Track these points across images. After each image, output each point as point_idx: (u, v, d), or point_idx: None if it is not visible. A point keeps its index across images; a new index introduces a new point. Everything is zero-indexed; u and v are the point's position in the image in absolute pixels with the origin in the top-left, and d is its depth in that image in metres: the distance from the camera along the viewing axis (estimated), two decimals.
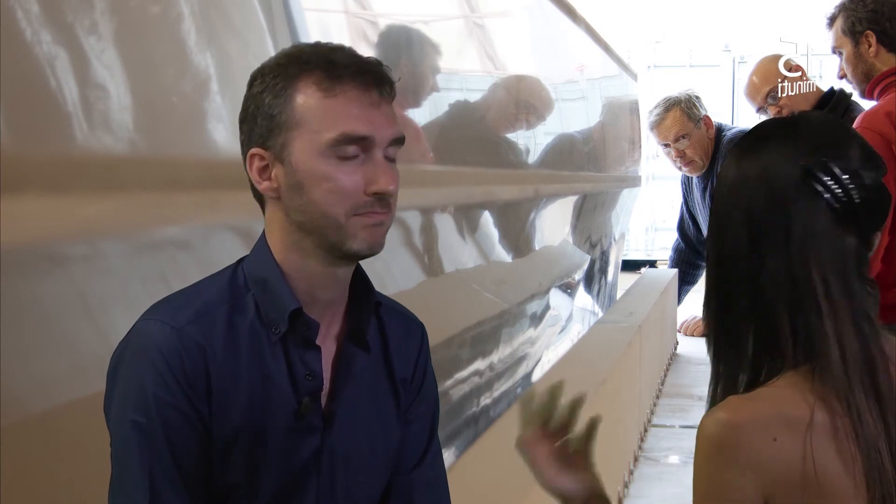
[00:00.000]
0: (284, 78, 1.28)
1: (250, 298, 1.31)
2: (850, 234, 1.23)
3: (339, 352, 1.36)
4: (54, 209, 1.36)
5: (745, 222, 1.24)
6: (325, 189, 1.26)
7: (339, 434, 1.34)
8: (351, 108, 1.26)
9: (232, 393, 1.28)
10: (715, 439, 1.21)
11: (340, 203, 1.26)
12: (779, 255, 1.22)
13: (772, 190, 1.23)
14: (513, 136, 4.26)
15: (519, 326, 4.20)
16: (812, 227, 1.22)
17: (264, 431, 1.29)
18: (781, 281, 1.22)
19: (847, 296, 1.22)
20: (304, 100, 1.27)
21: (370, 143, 1.27)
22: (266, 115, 1.28)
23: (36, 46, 1.34)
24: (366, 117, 1.27)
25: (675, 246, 6.40)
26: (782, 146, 1.25)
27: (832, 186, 1.22)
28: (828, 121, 1.32)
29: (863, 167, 1.23)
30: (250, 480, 1.30)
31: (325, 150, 1.26)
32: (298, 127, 1.27)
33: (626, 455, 3.74)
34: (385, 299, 1.42)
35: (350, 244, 1.27)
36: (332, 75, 1.27)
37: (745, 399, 1.22)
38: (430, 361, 1.48)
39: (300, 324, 1.31)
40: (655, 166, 11.21)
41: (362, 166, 1.27)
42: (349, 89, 1.27)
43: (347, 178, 1.26)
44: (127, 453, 1.25)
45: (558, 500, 1.46)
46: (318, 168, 1.26)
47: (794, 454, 1.18)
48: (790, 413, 1.19)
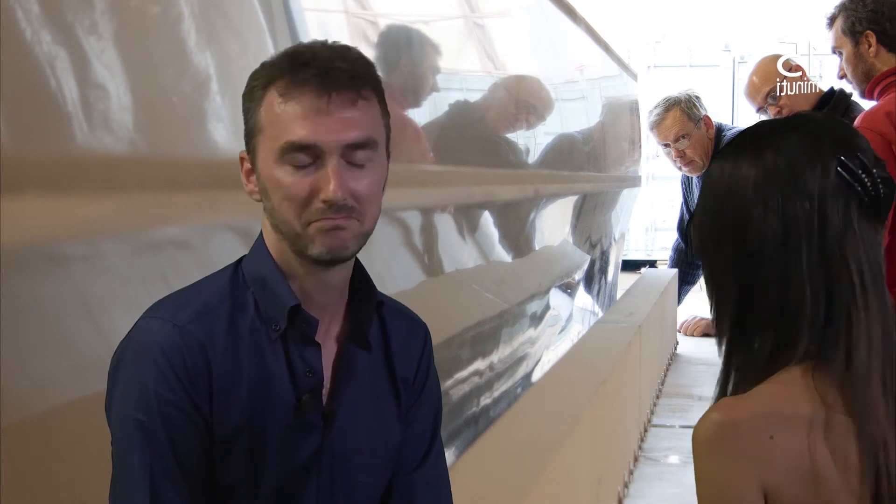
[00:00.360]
0: (261, 83, 1.28)
1: (250, 296, 1.31)
2: (878, 226, 1.24)
3: (340, 352, 1.36)
4: (54, 209, 1.36)
5: (780, 217, 1.23)
6: (280, 196, 1.26)
7: (339, 433, 1.34)
8: (300, 115, 1.25)
9: (233, 391, 1.28)
10: (711, 440, 1.21)
11: (294, 210, 1.26)
12: (814, 250, 1.22)
13: (808, 184, 1.23)
14: (513, 136, 4.26)
15: (519, 326, 4.20)
16: (849, 220, 1.22)
17: (265, 429, 1.29)
18: (817, 275, 1.22)
19: (878, 289, 1.23)
20: (266, 106, 1.27)
21: (317, 150, 1.25)
22: (245, 119, 1.30)
23: (36, 46, 1.34)
24: (312, 125, 1.24)
25: (675, 246, 6.40)
26: (807, 141, 1.25)
27: (864, 179, 1.22)
28: (834, 119, 1.33)
29: (877, 162, 1.25)
30: (251, 479, 1.30)
31: (277, 157, 1.26)
32: (260, 133, 1.28)
33: (626, 455, 3.74)
34: (388, 299, 1.42)
35: (310, 249, 1.27)
36: (295, 80, 1.25)
37: (738, 399, 1.22)
38: (433, 362, 1.48)
39: (299, 320, 1.31)
40: (655, 166, 11.21)
41: (315, 174, 1.25)
42: (304, 93, 1.25)
43: (297, 186, 1.25)
44: (128, 451, 1.26)
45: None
46: (274, 175, 1.26)
47: (793, 451, 1.18)
48: (787, 411, 1.19)
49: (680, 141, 5.59)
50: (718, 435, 1.20)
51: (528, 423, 2.63)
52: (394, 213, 2.59)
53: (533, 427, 2.56)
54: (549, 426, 2.55)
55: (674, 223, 6.45)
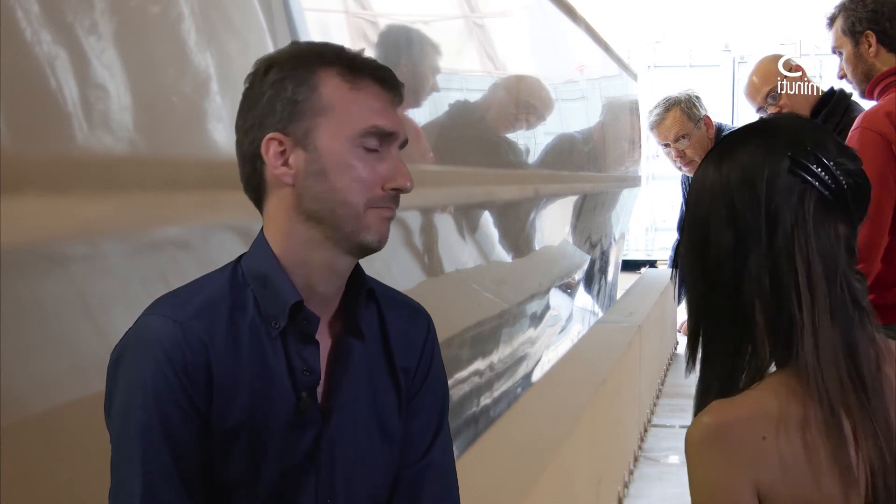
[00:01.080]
0: (305, 67, 1.29)
1: (249, 294, 1.31)
2: (841, 221, 1.23)
3: (335, 344, 1.35)
4: (54, 209, 1.36)
5: (730, 224, 1.23)
6: (350, 178, 1.28)
7: (336, 427, 1.33)
8: (376, 104, 1.30)
9: (233, 389, 1.28)
10: (704, 442, 1.21)
11: (361, 193, 1.28)
12: (762, 251, 1.22)
13: (757, 187, 1.22)
14: (513, 136, 4.26)
15: (519, 326, 4.20)
16: (802, 217, 1.21)
17: (265, 427, 1.29)
18: (763, 277, 1.22)
19: (830, 284, 1.21)
20: (330, 89, 1.29)
21: (392, 139, 1.31)
22: (288, 100, 1.28)
23: (36, 46, 1.34)
24: (389, 115, 1.31)
25: (675, 246, 6.40)
26: (760, 145, 1.25)
27: (820, 173, 1.21)
28: (799, 119, 1.32)
29: (841, 155, 1.24)
30: (250, 476, 1.29)
31: (354, 139, 1.28)
32: (326, 114, 1.28)
33: (626, 455, 3.74)
34: (387, 289, 1.42)
35: (364, 235, 1.29)
36: (353, 69, 1.30)
37: (729, 402, 1.22)
38: (439, 351, 1.47)
39: (300, 318, 1.31)
40: (655, 166, 11.22)
41: (381, 161, 1.30)
42: (370, 85, 1.30)
43: (370, 169, 1.29)
44: (126, 449, 1.25)
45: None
46: (345, 156, 1.28)
47: (785, 452, 1.17)
48: (778, 411, 1.19)
49: (680, 141, 5.58)
50: (711, 437, 1.20)
51: (528, 423, 2.63)
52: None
53: (533, 427, 2.56)
54: (549, 426, 2.55)
55: (674, 223, 6.45)
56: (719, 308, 1.26)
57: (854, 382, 1.19)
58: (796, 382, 1.20)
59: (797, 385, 1.20)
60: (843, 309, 1.21)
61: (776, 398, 1.19)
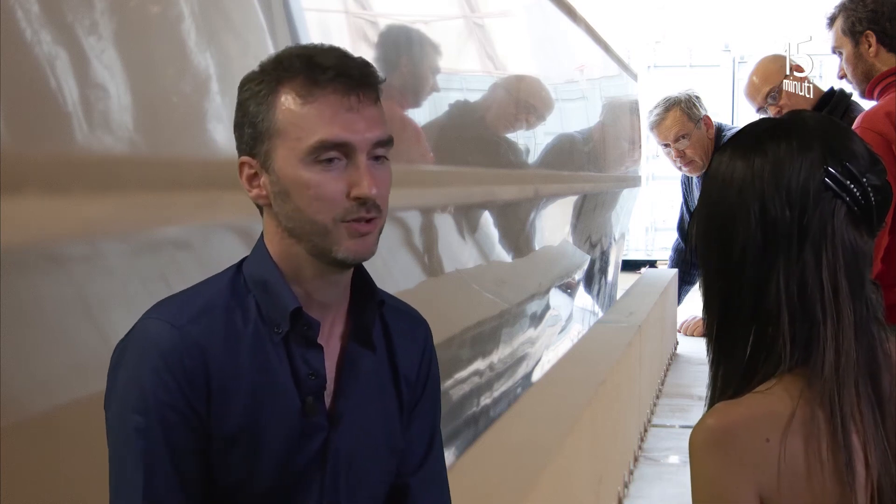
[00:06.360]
0: (267, 85, 1.28)
1: (251, 300, 1.31)
2: (866, 235, 1.23)
3: (344, 351, 1.36)
4: (54, 209, 1.36)
5: (760, 224, 1.23)
6: (310, 196, 1.26)
7: (344, 434, 1.34)
8: (329, 114, 1.26)
9: (233, 393, 1.28)
10: (708, 444, 1.20)
11: (326, 209, 1.26)
12: (793, 258, 1.21)
13: (791, 192, 1.21)
14: (513, 136, 4.26)
15: (519, 326, 4.20)
16: (832, 230, 1.21)
17: (267, 431, 1.29)
18: (791, 285, 1.21)
19: (856, 299, 1.21)
20: (284, 107, 1.27)
21: (350, 148, 1.26)
22: (251, 123, 1.29)
23: (36, 46, 1.34)
24: (344, 123, 1.26)
25: (675, 246, 6.40)
26: (793, 147, 1.23)
27: (853, 189, 1.21)
28: (827, 120, 1.31)
29: (871, 168, 1.23)
30: (252, 480, 1.29)
31: (305, 157, 1.26)
32: (280, 135, 1.27)
33: (626, 455, 3.74)
34: (389, 298, 1.42)
35: (336, 252, 1.27)
36: (312, 80, 1.26)
37: (734, 404, 1.22)
38: (436, 360, 1.48)
39: (301, 324, 1.31)
40: (655, 166, 11.22)
41: (345, 171, 1.27)
42: (328, 94, 1.26)
43: (330, 184, 1.26)
44: (125, 453, 1.26)
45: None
46: (301, 175, 1.26)
47: (789, 455, 1.17)
48: (782, 414, 1.19)
49: (680, 141, 5.58)
50: (714, 439, 1.20)
51: (528, 423, 2.63)
52: (394, 213, 2.58)
53: (533, 427, 2.56)
54: (549, 426, 2.55)
55: (674, 223, 6.44)
56: (739, 308, 1.25)
57: (871, 403, 1.20)
58: (804, 385, 1.20)
59: (805, 388, 1.19)
60: (866, 326, 1.21)
61: (781, 400, 1.19)
